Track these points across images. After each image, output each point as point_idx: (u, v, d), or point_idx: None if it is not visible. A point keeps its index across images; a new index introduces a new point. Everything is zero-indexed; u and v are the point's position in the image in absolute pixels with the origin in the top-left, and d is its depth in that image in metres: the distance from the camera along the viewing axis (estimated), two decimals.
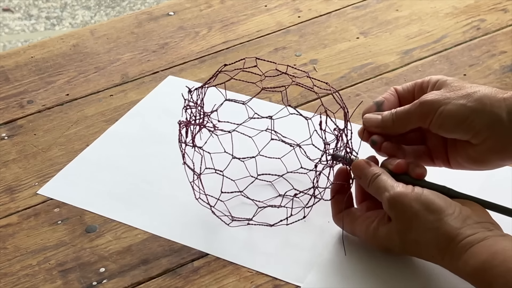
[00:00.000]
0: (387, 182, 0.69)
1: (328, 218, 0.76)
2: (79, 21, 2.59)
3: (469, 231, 0.64)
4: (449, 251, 0.65)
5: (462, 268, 0.64)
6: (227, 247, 0.76)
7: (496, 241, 0.63)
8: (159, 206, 0.81)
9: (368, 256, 0.73)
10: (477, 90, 0.70)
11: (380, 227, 0.69)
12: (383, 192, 0.68)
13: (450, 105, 0.70)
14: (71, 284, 0.73)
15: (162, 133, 0.90)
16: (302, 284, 0.71)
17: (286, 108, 0.79)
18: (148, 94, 0.97)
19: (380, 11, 1.12)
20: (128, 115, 0.94)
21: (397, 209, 0.67)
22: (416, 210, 0.66)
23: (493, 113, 0.68)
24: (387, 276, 0.71)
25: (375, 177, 0.70)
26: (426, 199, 0.67)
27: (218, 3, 1.15)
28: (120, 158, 0.87)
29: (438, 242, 0.65)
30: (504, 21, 1.08)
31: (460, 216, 0.66)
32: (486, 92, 0.70)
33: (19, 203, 0.82)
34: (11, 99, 0.98)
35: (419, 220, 0.66)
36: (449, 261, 0.65)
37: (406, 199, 0.67)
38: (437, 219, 0.65)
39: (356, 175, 0.73)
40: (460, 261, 0.64)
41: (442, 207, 0.66)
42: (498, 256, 0.62)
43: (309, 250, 0.75)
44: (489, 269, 0.62)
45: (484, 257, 0.62)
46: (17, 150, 0.90)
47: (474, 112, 0.69)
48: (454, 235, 0.64)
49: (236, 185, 0.80)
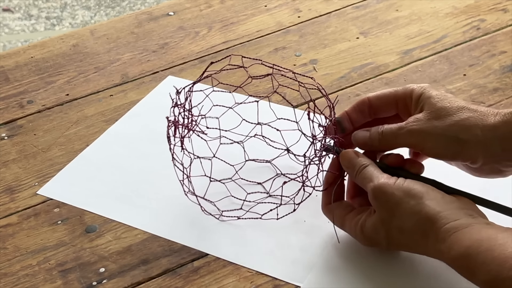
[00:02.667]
0: (373, 173, 0.70)
1: (327, 219, 0.76)
2: (79, 21, 2.59)
3: (452, 216, 0.65)
4: (433, 234, 0.65)
5: (446, 252, 0.64)
6: (227, 247, 0.76)
7: (481, 229, 0.64)
8: (159, 206, 0.81)
9: (368, 257, 0.73)
10: (465, 118, 0.69)
11: (367, 220, 0.70)
12: (368, 183, 0.69)
13: (442, 139, 0.69)
14: (71, 284, 0.73)
15: (161, 133, 0.90)
16: (302, 284, 0.71)
17: (271, 108, 0.80)
18: (148, 94, 0.97)
19: (380, 11, 1.12)
20: (127, 115, 0.94)
21: (380, 199, 0.68)
22: (398, 197, 0.67)
23: (486, 145, 0.68)
24: (387, 276, 0.71)
25: (362, 168, 0.71)
26: (407, 186, 0.68)
27: (218, 3, 1.15)
28: (120, 158, 0.87)
29: (420, 225, 0.66)
30: (504, 21, 1.08)
31: (442, 201, 0.67)
32: (476, 119, 0.69)
33: (19, 203, 0.82)
34: (11, 99, 0.98)
35: (401, 207, 0.67)
36: (433, 245, 0.65)
37: (388, 188, 0.68)
38: (418, 203, 0.66)
39: (344, 165, 0.73)
40: (444, 245, 0.64)
41: (422, 192, 0.67)
42: (483, 243, 0.62)
43: (308, 250, 0.75)
44: (473, 255, 0.62)
45: (468, 243, 0.62)
46: (17, 150, 0.90)
47: (467, 144, 0.69)
48: (436, 218, 0.65)
49: (226, 187, 0.80)
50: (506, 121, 0.68)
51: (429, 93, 0.72)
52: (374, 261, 0.72)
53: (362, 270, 0.72)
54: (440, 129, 0.70)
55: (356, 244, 0.73)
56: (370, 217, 0.70)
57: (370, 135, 0.73)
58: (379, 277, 0.71)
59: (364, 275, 0.72)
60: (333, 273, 0.72)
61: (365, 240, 0.71)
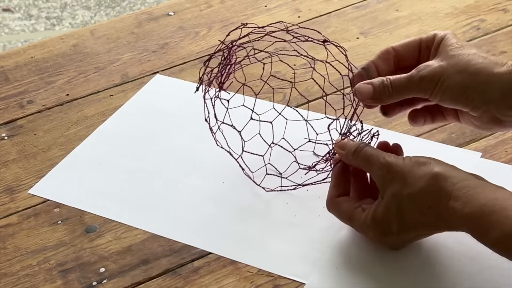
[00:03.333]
0: (378, 152, 0.71)
1: (331, 215, 0.75)
2: (79, 21, 2.59)
3: (462, 176, 0.66)
4: (445, 192, 0.66)
5: (460, 210, 0.64)
6: (228, 245, 0.76)
7: (495, 189, 0.65)
8: (156, 204, 0.81)
9: (373, 255, 0.73)
10: (475, 63, 0.70)
11: (378, 207, 0.70)
12: (378, 158, 0.70)
13: (449, 81, 0.70)
14: (71, 284, 0.73)
15: (152, 131, 0.91)
16: (306, 282, 0.71)
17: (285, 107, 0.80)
18: (137, 93, 0.97)
19: (380, 11, 1.12)
20: (116, 115, 0.94)
21: (391, 172, 0.69)
22: (409, 166, 0.68)
23: (488, 90, 0.69)
24: (392, 275, 0.71)
25: (362, 147, 0.72)
26: (415, 158, 0.69)
27: (218, 3, 1.15)
28: (111, 156, 0.87)
29: (432, 184, 0.66)
30: (504, 21, 1.08)
31: (449, 166, 0.68)
32: (485, 65, 0.70)
33: (19, 203, 0.82)
34: (11, 99, 0.98)
35: (411, 173, 0.68)
36: (445, 204, 0.65)
37: (399, 162, 0.69)
38: (428, 167, 0.68)
39: (339, 147, 0.74)
40: (457, 203, 0.64)
41: (429, 159, 0.69)
42: (497, 202, 0.63)
43: (311, 247, 0.75)
44: (487, 213, 0.62)
45: (483, 202, 0.63)
46: (17, 150, 0.90)
47: (470, 88, 0.70)
48: (447, 176, 0.66)
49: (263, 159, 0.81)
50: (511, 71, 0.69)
51: (449, 41, 0.73)
52: (379, 260, 0.72)
53: (367, 270, 0.72)
54: (448, 72, 0.70)
55: (361, 242, 0.73)
56: (380, 204, 0.70)
57: (375, 89, 0.73)
58: (384, 276, 0.71)
59: (369, 274, 0.72)
60: (337, 272, 0.72)
61: (376, 229, 0.70)
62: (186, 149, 0.87)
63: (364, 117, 0.90)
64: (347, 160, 0.73)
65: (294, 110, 0.84)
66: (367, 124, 0.80)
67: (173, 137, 0.89)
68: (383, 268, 0.72)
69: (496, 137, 0.87)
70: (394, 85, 0.72)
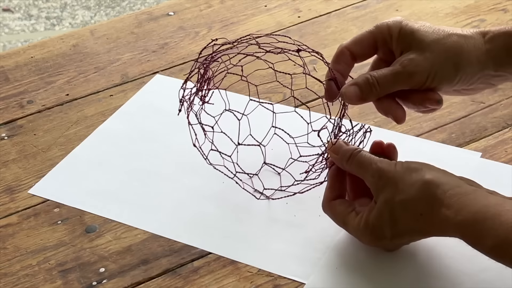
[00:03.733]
0: (371, 157, 0.71)
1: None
2: (79, 21, 2.59)
3: (454, 182, 0.66)
4: (437, 200, 0.65)
5: (452, 218, 0.64)
6: (227, 244, 0.76)
7: (486, 195, 0.64)
8: (156, 204, 0.81)
9: (373, 255, 0.73)
10: (455, 43, 0.71)
11: (371, 212, 0.69)
12: (368, 166, 0.70)
13: (441, 71, 0.71)
14: (71, 284, 0.73)
15: (151, 131, 0.91)
16: (306, 282, 0.71)
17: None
18: (136, 93, 0.97)
19: (380, 11, 1.12)
20: (116, 115, 0.94)
21: (383, 178, 0.69)
22: (401, 173, 0.68)
23: (482, 65, 0.71)
24: (391, 275, 0.71)
25: (356, 153, 0.72)
26: (406, 164, 0.69)
27: (218, 3, 1.15)
28: (111, 156, 0.87)
29: (424, 191, 0.66)
30: (504, 21, 1.08)
31: (441, 172, 0.68)
32: (467, 43, 0.71)
33: (19, 203, 0.82)
34: (11, 99, 0.98)
35: (403, 179, 0.68)
36: (437, 212, 0.65)
37: (391, 168, 0.69)
38: (418, 174, 0.68)
39: (333, 152, 0.74)
40: (449, 211, 0.64)
41: (421, 165, 0.69)
42: (490, 209, 0.62)
43: (311, 247, 0.75)
44: (481, 220, 0.62)
45: (476, 209, 0.63)
46: (17, 150, 0.90)
47: (463, 68, 0.71)
48: (438, 183, 0.66)
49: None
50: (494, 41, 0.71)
51: (409, 27, 0.73)
52: (378, 261, 0.72)
53: (366, 270, 0.72)
54: (437, 62, 0.71)
55: (360, 243, 0.73)
56: (373, 209, 0.69)
57: (362, 89, 0.72)
58: (383, 277, 0.71)
59: (369, 274, 0.72)
60: (336, 273, 0.72)
61: (370, 235, 0.70)
62: (186, 149, 0.87)
63: (364, 117, 0.91)
64: (340, 165, 0.73)
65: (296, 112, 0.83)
66: (367, 124, 0.80)
67: (173, 137, 0.89)
68: (383, 268, 0.72)
69: (496, 137, 0.87)
70: (381, 83, 0.72)
